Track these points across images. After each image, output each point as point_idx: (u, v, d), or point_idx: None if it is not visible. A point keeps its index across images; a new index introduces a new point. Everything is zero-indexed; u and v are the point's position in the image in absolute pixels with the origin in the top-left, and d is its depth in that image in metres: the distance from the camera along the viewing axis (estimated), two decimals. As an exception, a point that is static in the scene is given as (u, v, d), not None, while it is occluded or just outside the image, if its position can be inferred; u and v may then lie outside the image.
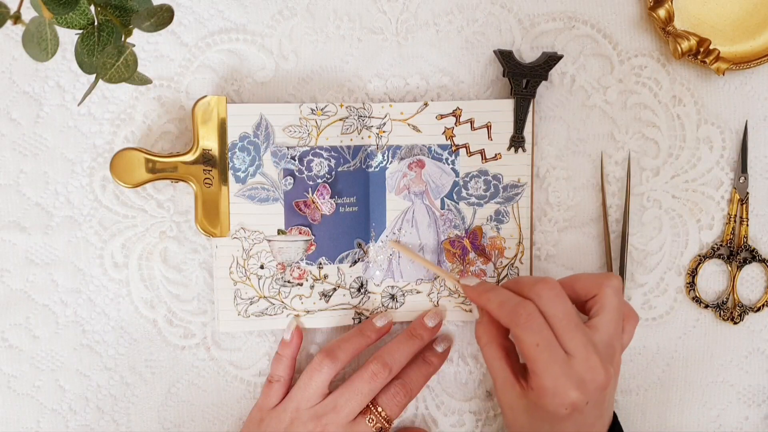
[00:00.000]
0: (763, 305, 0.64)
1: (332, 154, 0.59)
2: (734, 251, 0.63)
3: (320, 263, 0.60)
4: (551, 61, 0.59)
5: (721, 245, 0.63)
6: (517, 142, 0.60)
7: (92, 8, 0.39)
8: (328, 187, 0.60)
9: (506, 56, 0.59)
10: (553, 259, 0.63)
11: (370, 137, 0.60)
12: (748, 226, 0.63)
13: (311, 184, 0.60)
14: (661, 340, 0.64)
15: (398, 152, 0.60)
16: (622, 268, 0.63)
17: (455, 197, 0.61)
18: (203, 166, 0.58)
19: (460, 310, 0.62)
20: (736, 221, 0.63)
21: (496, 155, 0.61)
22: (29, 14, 0.36)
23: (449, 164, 0.61)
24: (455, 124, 0.60)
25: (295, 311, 0.61)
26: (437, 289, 0.62)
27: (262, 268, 0.60)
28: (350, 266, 0.61)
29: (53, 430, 0.62)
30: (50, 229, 0.60)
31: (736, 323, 0.64)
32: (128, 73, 0.39)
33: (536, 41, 0.61)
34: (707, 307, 0.64)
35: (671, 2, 0.60)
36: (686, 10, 0.61)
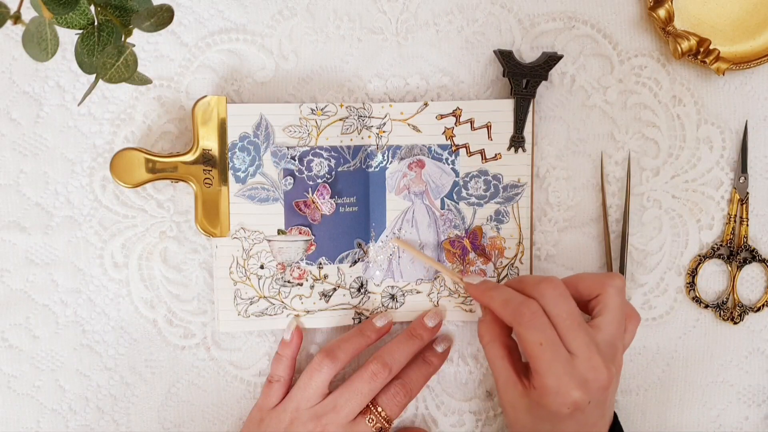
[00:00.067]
0: (763, 305, 0.64)
1: (332, 154, 0.59)
2: (734, 251, 0.63)
3: (320, 263, 0.60)
4: (551, 61, 0.59)
5: (721, 245, 0.63)
6: (517, 142, 0.60)
7: (92, 8, 0.39)
8: (328, 187, 0.60)
9: (506, 56, 0.59)
10: (553, 259, 0.63)
11: (370, 137, 0.60)
12: (748, 226, 0.63)
13: (311, 184, 0.60)
14: (661, 340, 0.64)
15: (398, 152, 0.60)
16: (622, 268, 0.63)
17: (455, 197, 0.61)
18: (203, 166, 0.58)
19: (460, 310, 0.62)
20: (736, 221, 0.63)
21: (496, 155, 0.61)
22: (29, 14, 0.36)
23: (449, 164, 0.61)
24: (455, 124, 0.60)
25: (295, 311, 0.61)
26: (437, 289, 0.62)
27: (262, 268, 0.60)
28: (350, 266, 0.61)
29: (53, 430, 0.62)
30: (50, 229, 0.60)
31: (736, 323, 0.64)
32: (128, 73, 0.39)
33: (536, 41, 0.61)
34: (707, 307, 0.64)
35: (671, 2, 0.60)
36: (686, 10, 0.61)
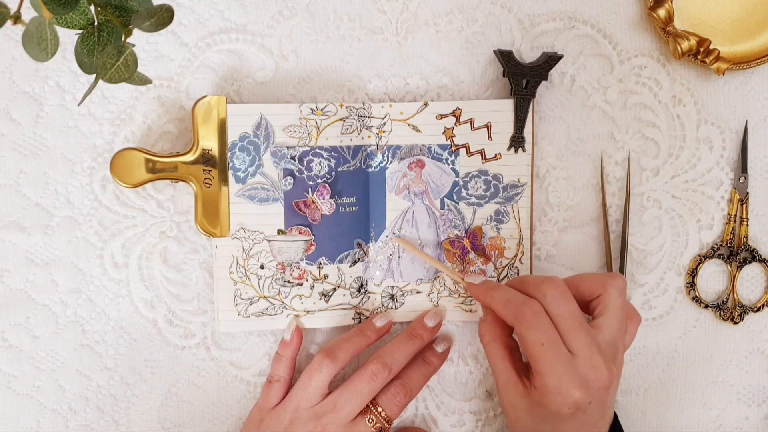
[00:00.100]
0: (763, 305, 0.64)
1: (332, 154, 0.59)
2: (734, 251, 0.63)
3: (320, 263, 0.60)
4: (551, 61, 0.59)
5: (721, 245, 0.63)
6: (517, 142, 0.60)
7: (92, 8, 0.39)
8: (328, 187, 0.60)
9: (506, 56, 0.59)
10: (553, 259, 0.63)
11: (370, 137, 0.60)
12: (748, 226, 0.63)
13: (311, 184, 0.60)
14: (661, 340, 0.64)
15: (398, 152, 0.60)
16: (622, 268, 0.63)
17: (455, 197, 0.61)
18: (203, 166, 0.58)
19: (460, 310, 0.62)
20: (736, 221, 0.63)
21: (496, 155, 0.61)
22: (29, 14, 0.36)
23: (449, 164, 0.61)
24: (455, 124, 0.60)
25: (295, 311, 0.61)
26: (437, 289, 0.62)
27: (262, 268, 0.60)
28: (350, 266, 0.61)
29: (53, 430, 0.62)
30: (50, 229, 0.60)
31: (736, 323, 0.64)
32: (128, 73, 0.39)
33: (536, 41, 0.61)
34: (707, 307, 0.64)
35: (671, 2, 0.60)
36: (686, 10, 0.61)
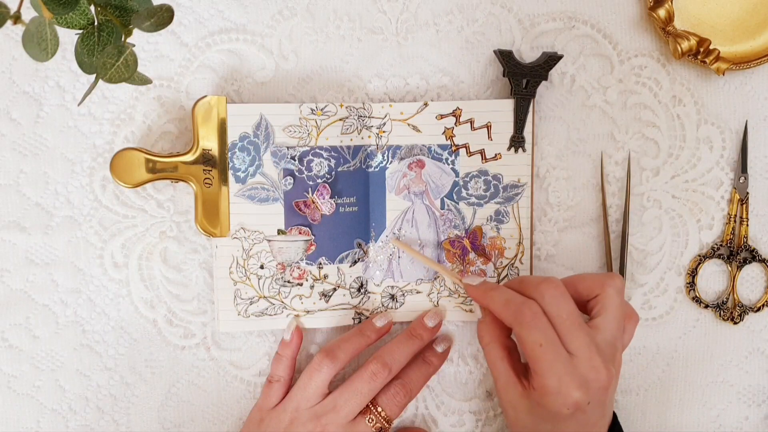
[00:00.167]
0: (763, 305, 0.64)
1: (332, 154, 0.59)
2: (734, 251, 0.63)
3: (320, 263, 0.60)
4: (551, 61, 0.59)
5: (721, 245, 0.63)
6: (517, 142, 0.60)
7: (92, 8, 0.39)
8: (328, 187, 0.60)
9: (506, 56, 0.59)
10: (553, 259, 0.63)
11: (370, 137, 0.60)
12: (748, 226, 0.63)
13: (311, 184, 0.60)
14: (661, 340, 0.64)
15: (398, 152, 0.60)
16: (622, 268, 0.63)
17: (455, 197, 0.61)
18: (203, 166, 0.58)
19: (460, 310, 0.62)
20: (736, 221, 0.63)
21: (496, 155, 0.61)
22: (29, 14, 0.36)
23: (449, 164, 0.61)
24: (455, 124, 0.60)
25: (295, 311, 0.61)
26: (437, 289, 0.62)
27: (262, 268, 0.60)
28: (350, 266, 0.61)
29: (53, 430, 0.62)
30: (50, 229, 0.60)
31: (736, 323, 0.64)
32: (128, 73, 0.39)
33: (536, 41, 0.61)
34: (707, 307, 0.64)
35: (671, 2, 0.60)
36: (686, 10, 0.61)
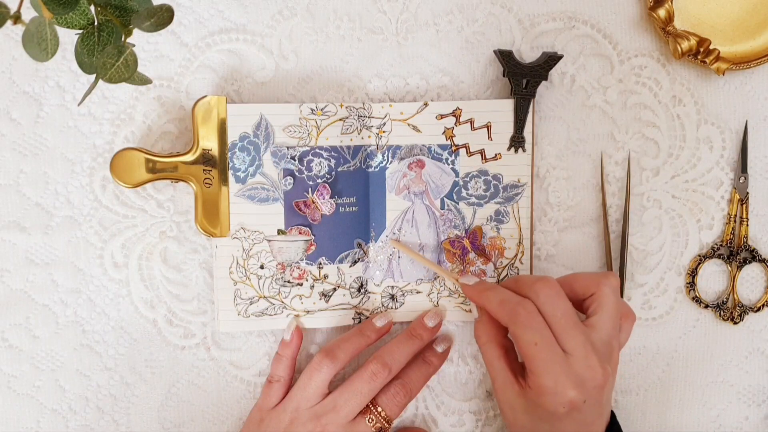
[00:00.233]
0: (763, 305, 0.64)
1: (332, 154, 0.59)
2: (734, 251, 0.63)
3: (320, 263, 0.60)
4: (551, 61, 0.59)
5: (721, 245, 0.63)
6: (517, 142, 0.60)
7: (92, 8, 0.39)
8: (328, 187, 0.60)
9: (506, 56, 0.59)
10: (553, 259, 0.63)
11: (370, 137, 0.60)
12: (748, 226, 0.63)
13: (311, 184, 0.60)
14: (661, 340, 0.64)
15: (398, 152, 0.60)
16: (622, 268, 0.63)
17: (455, 197, 0.61)
18: (203, 166, 0.58)
19: (460, 310, 0.62)
20: (736, 221, 0.63)
21: (496, 155, 0.61)
22: (29, 14, 0.36)
23: (449, 164, 0.61)
24: (455, 124, 0.60)
25: (295, 311, 0.61)
26: (437, 289, 0.62)
27: (262, 268, 0.60)
28: (350, 266, 0.61)
29: (53, 430, 0.62)
30: (50, 229, 0.60)
31: (736, 323, 0.64)
32: (128, 73, 0.39)
33: (536, 41, 0.61)
34: (707, 307, 0.64)
35: (671, 2, 0.60)
36: (686, 10, 0.61)
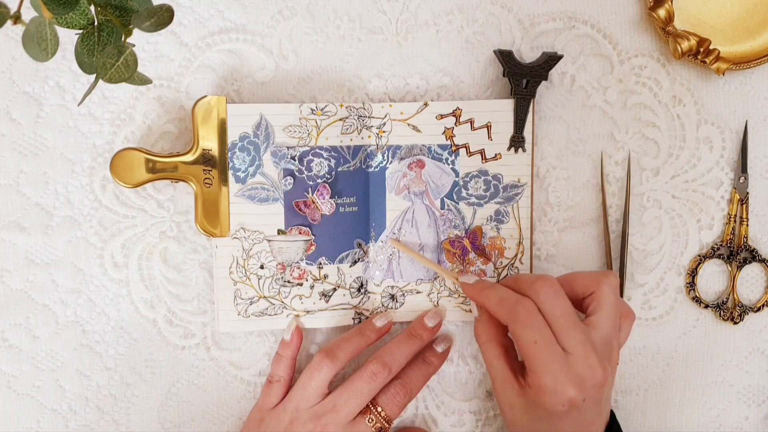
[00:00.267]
0: (763, 305, 0.64)
1: (332, 154, 0.59)
2: (734, 251, 0.63)
3: (320, 263, 0.60)
4: (551, 61, 0.59)
5: (721, 245, 0.63)
6: (517, 142, 0.60)
7: (92, 8, 0.39)
8: (328, 187, 0.60)
9: (506, 56, 0.59)
10: (553, 259, 0.63)
11: (370, 137, 0.60)
12: (748, 226, 0.63)
13: (311, 184, 0.60)
14: (661, 340, 0.64)
15: (398, 152, 0.60)
16: (622, 268, 0.63)
17: (455, 197, 0.61)
18: (203, 166, 0.58)
19: (460, 310, 0.62)
20: (736, 221, 0.63)
21: (496, 155, 0.61)
22: (29, 14, 0.36)
23: (449, 164, 0.61)
24: (455, 124, 0.60)
25: (295, 311, 0.61)
26: (437, 289, 0.62)
27: (262, 268, 0.60)
28: (350, 266, 0.61)
29: (53, 430, 0.62)
30: (50, 229, 0.60)
31: (736, 323, 0.64)
32: (128, 73, 0.39)
33: (536, 41, 0.61)
34: (707, 307, 0.64)
35: (671, 2, 0.60)
36: (686, 10, 0.61)
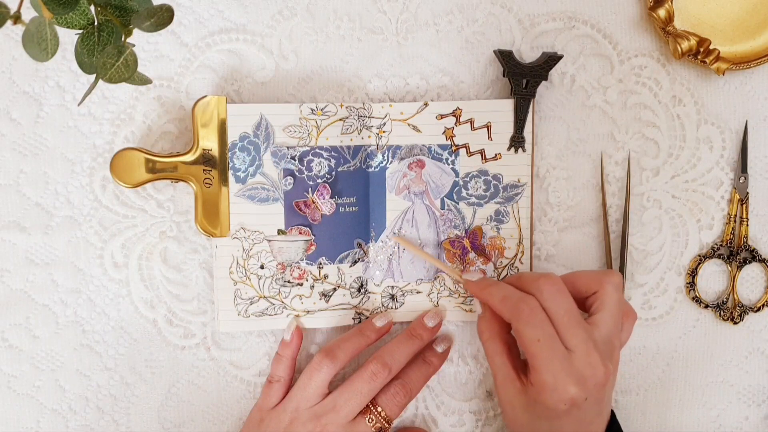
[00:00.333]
0: (763, 305, 0.64)
1: (332, 154, 0.59)
2: (734, 251, 0.63)
3: (320, 263, 0.60)
4: (551, 61, 0.59)
5: (721, 245, 0.63)
6: (517, 142, 0.60)
7: (92, 8, 0.39)
8: (328, 187, 0.60)
9: (506, 56, 0.59)
10: (553, 259, 0.63)
11: (370, 137, 0.60)
12: (748, 226, 0.63)
13: (311, 184, 0.60)
14: (661, 340, 0.64)
15: (398, 152, 0.60)
16: (622, 268, 0.63)
17: (455, 197, 0.61)
18: (203, 166, 0.58)
19: (460, 310, 0.62)
20: (736, 221, 0.63)
21: (496, 155, 0.61)
22: (29, 14, 0.36)
23: (449, 164, 0.61)
24: (455, 124, 0.60)
25: (295, 311, 0.61)
26: (437, 289, 0.62)
27: (262, 268, 0.60)
28: (350, 266, 0.61)
29: (53, 430, 0.62)
30: (50, 229, 0.60)
31: (736, 323, 0.64)
32: (128, 73, 0.39)
33: (536, 41, 0.61)
34: (707, 307, 0.64)
35: (671, 2, 0.60)
36: (686, 10, 0.61)
